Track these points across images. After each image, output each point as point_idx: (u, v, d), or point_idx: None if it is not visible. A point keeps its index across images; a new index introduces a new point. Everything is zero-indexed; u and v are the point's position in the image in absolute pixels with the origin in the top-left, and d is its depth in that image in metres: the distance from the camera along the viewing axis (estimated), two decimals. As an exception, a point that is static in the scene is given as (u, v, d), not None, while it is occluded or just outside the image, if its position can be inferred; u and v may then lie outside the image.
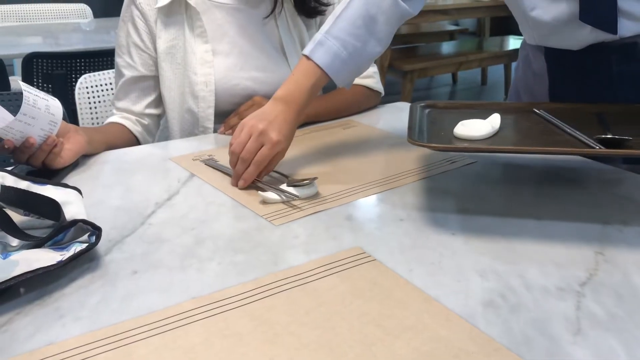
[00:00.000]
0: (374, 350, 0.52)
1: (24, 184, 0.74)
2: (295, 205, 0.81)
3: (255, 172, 0.86)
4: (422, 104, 0.96)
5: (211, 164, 0.97)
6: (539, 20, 0.98)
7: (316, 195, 0.84)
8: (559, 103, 0.93)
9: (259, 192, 0.83)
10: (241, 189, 0.87)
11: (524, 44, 1.15)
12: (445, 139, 0.82)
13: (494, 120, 0.84)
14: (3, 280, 0.57)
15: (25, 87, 0.85)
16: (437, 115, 0.93)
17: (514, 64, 4.72)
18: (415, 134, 0.81)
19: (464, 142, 0.81)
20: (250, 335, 0.54)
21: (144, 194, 0.86)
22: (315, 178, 0.85)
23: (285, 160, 0.93)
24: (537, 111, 0.92)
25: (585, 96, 0.99)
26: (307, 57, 0.90)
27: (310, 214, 0.79)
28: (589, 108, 0.93)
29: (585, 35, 0.94)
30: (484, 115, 0.85)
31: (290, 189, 0.83)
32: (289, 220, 0.77)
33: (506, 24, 6.58)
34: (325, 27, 0.91)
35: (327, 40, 0.90)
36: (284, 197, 0.82)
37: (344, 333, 0.55)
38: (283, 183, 0.85)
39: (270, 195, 0.82)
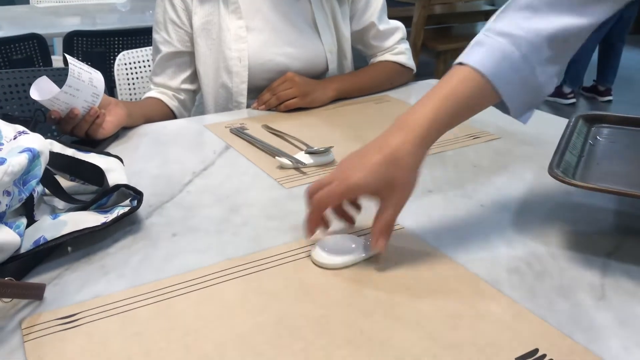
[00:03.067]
0: (401, 310, 0.54)
1: (70, 152, 0.78)
2: (306, 172, 0.86)
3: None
4: (585, 116, 0.77)
5: (240, 133, 1.01)
6: None
7: (332, 163, 0.89)
8: None
9: (276, 157, 0.89)
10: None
11: None
12: (609, 175, 0.66)
13: None
14: (53, 237, 0.61)
15: (70, 60, 0.89)
16: (606, 135, 0.76)
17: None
18: (559, 163, 0.66)
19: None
20: (283, 292, 0.57)
21: (181, 164, 0.90)
22: (331, 147, 0.89)
23: (312, 130, 0.97)
24: None
25: None
26: (461, 64, 0.63)
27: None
28: None
29: None
30: None
31: (306, 156, 0.88)
32: (299, 184, 0.82)
33: (544, 4, 6.43)
34: (485, 27, 0.66)
35: (488, 39, 0.63)
36: (294, 163, 0.87)
37: (371, 293, 0.57)
38: (303, 150, 0.91)
39: (284, 160, 0.87)
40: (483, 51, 0.62)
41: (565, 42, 0.63)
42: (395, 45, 1.32)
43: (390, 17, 1.33)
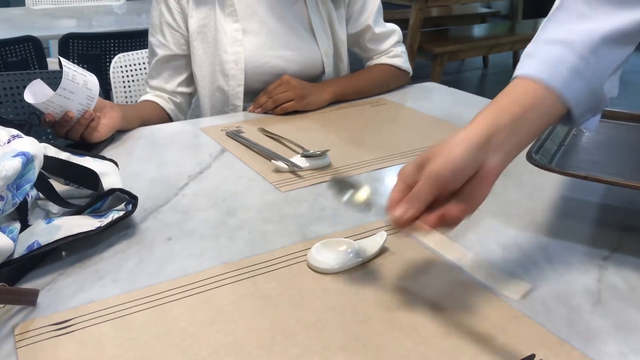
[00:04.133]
0: (398, 315, 0.54)
1: (64, 155, 0.78)
2: (302, 175, 0.85)
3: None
4: None
5: (236, 137, 1.01)
6: None
7: (328, 166, 0.88)
8: None
9: (272, 160, 0.88)
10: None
11: None
12: (587, 163, 0.68)
13: None
14: (47, 242, 0.61)
15: (65, 63, 0.89)
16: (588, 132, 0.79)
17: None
18: (538, 150, 0.68)
19: None
20: (279, 298, 0.57)
21: (177, 167, 0.89)
22: (327, 150, 0.89)
23: (308, 133, 0.97)
24: None
25: None
26: (518, 78, 0.58)
27: (316, 183, 0.83)
28: None
29: None
30: None
31: (302, 160, 0.88)
32: (295, 188, 0.82)
33: (539, 7, 6.45)
34: (534, 39, 0.61)
35: (538, 48, 0.59)
36: (290, 166, 0.86)
37: (368, 298, 0.57)
38: (299, 153, 0.90)
39: (280, 164, 0.87)
40: (536, 60, 0.57)
41: (622, 38, 0.57)
42: (392, 48, 1.32)
43: (386, 20, 1.33)
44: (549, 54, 0.57)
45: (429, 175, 0.53)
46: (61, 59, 0.91)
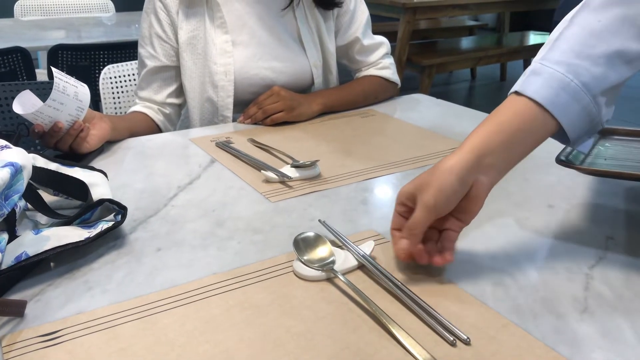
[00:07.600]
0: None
1: (53, 166, 0.78)
2: (292, 186, 0.86)
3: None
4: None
5: (226, 147, 1.01)
6: None
7: (318, 177, 0.89)
8: None
9: (262, 171, 0.88)
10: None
11: None
12: (615, 167, 0.73)
13: None
14: (36, 253, 0.61)
15: (56, 74, 0.89)
16: (615, 143, 0.82)
17: (533, 60, 4.69)
18: (567, 155, 0.73)
19: None
20: (268, 307, 0.57)
21: (166, 178, 0.89)
22: (317, 161, 0.90)
23: (297, 144, 0.97)
24: None
25: None
26: (517, 94, 0.61)
27: (306, 193, 0.83)
28: None
29: None
30: None
31: (292, 170, 0.88)
32: (285, 198, 0.82)
33: (526, 20, 6.54)
34: (539, 55, 0.63)
35: (544, 68, 0.61)
36: (280, 177, 0.87)
37: (357, 308, 0.57)
38: (288, 164, 0.91)
39: (270, 174, 0.87)
40: (539, 80, 0.60)
41: (627, 64, 0.60)
42: (380, 60, 1.34)
43: (375, 32, 1.35)
44: (554, 77, 0.59)
45: (424, 206, 0.59)
46: (53, 69, 0.91)
